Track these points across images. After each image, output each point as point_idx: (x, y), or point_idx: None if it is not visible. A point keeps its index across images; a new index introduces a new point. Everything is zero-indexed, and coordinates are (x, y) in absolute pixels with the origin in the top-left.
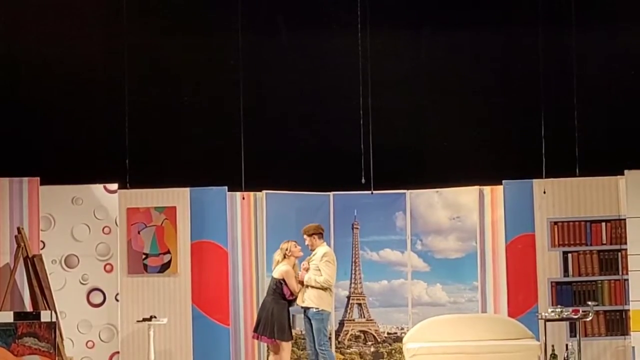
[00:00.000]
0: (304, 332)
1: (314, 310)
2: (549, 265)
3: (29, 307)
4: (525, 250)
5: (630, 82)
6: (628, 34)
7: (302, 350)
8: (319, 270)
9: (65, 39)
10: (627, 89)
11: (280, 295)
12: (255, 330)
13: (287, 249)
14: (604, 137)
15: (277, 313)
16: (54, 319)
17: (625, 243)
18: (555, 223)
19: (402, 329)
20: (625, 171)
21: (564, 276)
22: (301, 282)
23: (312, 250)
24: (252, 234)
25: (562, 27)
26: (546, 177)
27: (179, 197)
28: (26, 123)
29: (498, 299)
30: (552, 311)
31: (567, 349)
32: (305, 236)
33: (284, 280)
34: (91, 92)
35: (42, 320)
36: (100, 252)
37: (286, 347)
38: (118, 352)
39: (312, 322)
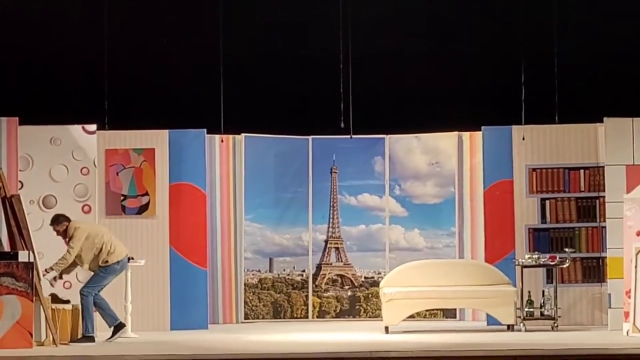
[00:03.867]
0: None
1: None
2: (526, 212)
3: (6, 247)
4: (503, 197)
5: (610, 29)
6: None
7: (279, 294)
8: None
9: None
10: (607, 36)
11: None
12: None
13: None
14: (583, 84)
15: None
16: (31, 259)
17: (603, 190)
18: (534, 170)
19: (379, 273)
20: (605, 118)
21: (542, 223)
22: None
23: (69, 238)
24: (231, 176)
25: None
26: (525, 124)
27: (158, 139)
28: (5, 62)
29: (475, 244)
30: (529, 257)
31: (543, 295)
32: (55, 227)
33: None
34: (70, 33)
35: (20, 260)
36: (79, 193)
37: None
38: None
39: None
